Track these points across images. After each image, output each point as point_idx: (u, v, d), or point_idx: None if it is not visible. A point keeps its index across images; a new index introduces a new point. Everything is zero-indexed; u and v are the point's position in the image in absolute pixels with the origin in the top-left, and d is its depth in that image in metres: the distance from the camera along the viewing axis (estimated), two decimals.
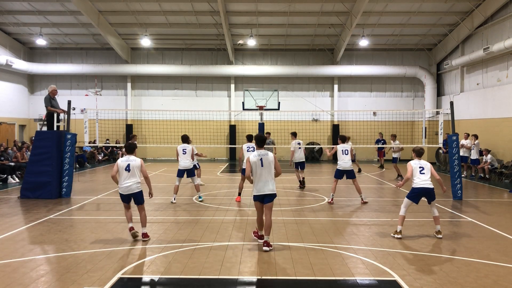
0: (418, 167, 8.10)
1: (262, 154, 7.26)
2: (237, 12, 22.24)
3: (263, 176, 7.19)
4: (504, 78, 19.34)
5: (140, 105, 27.09)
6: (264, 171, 7.19)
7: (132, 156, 7.94)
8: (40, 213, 10.18)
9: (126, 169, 7.73)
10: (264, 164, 7.18)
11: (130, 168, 7.74)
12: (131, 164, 7.76)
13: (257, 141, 7.39)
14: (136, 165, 7.82)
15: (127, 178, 7.73)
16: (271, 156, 7.28)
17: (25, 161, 16.39)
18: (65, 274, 6.00)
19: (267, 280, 5.86)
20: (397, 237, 8.01)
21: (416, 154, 8.33)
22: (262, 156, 7.22)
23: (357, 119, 24.78)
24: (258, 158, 7.20)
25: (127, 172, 7.73)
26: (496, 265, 6.49)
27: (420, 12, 21.54)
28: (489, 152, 17.54)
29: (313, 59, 27.00)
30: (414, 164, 8.14)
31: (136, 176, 7.81)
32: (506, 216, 10.26)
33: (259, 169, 7.19)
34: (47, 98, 12.99)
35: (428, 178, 8.04)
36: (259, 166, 7.18)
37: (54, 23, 23.52)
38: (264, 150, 7.34)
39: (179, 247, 7.33)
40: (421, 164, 8.14)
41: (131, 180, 7.74)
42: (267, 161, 7.22)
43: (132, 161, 7.81)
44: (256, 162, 7.20)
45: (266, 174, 7.19)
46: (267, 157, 7.24)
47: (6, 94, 24.76)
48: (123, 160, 7.81)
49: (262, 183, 7.18)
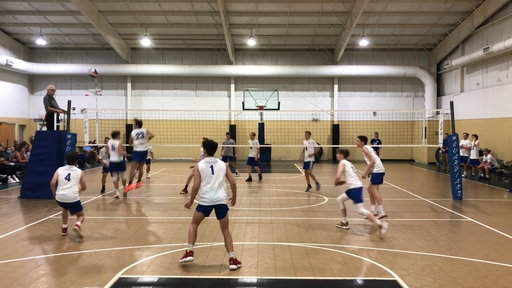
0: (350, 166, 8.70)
1: (212, 161, 6.56)
2: (237, 12, 22.24)
3: (214, 185, 6.46)
4: (504, 78, 19.34)
5: (140, 105, 27.09)
6: (214, 179, 6.47)
7: (74, 167, 8.23)
8: (40, 213, 10.17)
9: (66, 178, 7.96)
10: (214, 172, 6.50)
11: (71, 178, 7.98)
12: (71, 174, 8.01)
13: (207, 148, 6.67)
14: (77, 176, 8.06)
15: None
16: (222, 164, 6.63)
17: (25, 161, 16.38)
18: (65, 274, 6.00)
19: (267, 280, 5.86)
20: (345, 228, 8.65)
21: (345, 155, 8.93)
22: (213, 163, 6.53)
23: (357, 119, 24.78)
24: (208, 166, 6.51)
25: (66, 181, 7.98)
26: (496, 265, 6.48)
27: (420, 12, 21.54)
28: (489, 152, 17.54)
29: (313, 59, 27.00)
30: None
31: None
32: (506, 216, 10.25)
33: (209, 177, 6.46)
34: (46, 98, 12.99)
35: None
36: (210, 174, 6.47)
37: (54, 23, 23.52)
38: (214, 157, 6.65)
39: (179, 247, 7.33)
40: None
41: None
42: (218, 168, 6.54)
43: (73, 171, 8.08)
44: (206, 169, 6.48)
45: (216, 183, 6.47)
46: (218, 164, 6.57)
47: (6, 94, 24.76)
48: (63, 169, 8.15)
49: (213, 192, 6.44)
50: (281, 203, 11.70)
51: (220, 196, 6.47)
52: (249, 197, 12.71)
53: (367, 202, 9.52)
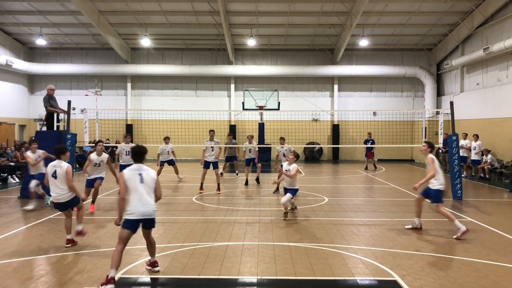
0: None
1: (139, 169, 5.82)
2: (237, 12, 22.24)
3: (143, 194, 5.71)
4: (504, 78, 19.34)
5: (140, 105, 27.09)
6: (143, 189, 5.73)
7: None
8: (40, 213, 10.17)
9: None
10: (144, 180, 5.76)
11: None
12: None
13: (133, 154, 5.94)
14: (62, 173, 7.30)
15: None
16: (153, 172, 5.91)
17: (25, 161, 16.38)
18: (65, 274, 6.00)
19: (267, 280, 5.86)
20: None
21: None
22: (141, 171, 5.79)
23: (357, 119, 24.79)
24: (136, 173, 5.77)
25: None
26: (496, 265, 6.49)
27: (420, 12, 21.54)
28: (489, 152, 17.54)
29: (313, 59, 27.00)
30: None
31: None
32: (506, 216, 10.26)
33: (136, 187, 5.71)
34: (45, 98, 13.01)
35: None
36: (138, 183, 5.72)
37: (54, 23, 23.52)
38: (143, 165, 5.91)
39: (179, 247, 7.33)
40: None
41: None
42: (148, 176, 5.82)
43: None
44: (132, 178, 5.73)
45: (145, 193, 5.73)
46: (148, 173, 5.84)
47: (6, 94, 24.76)
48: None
49: (141, 203, 5.68)
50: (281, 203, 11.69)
51: (149, 210, 5.73)
52: (249, 197, 12.71)
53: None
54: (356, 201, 12.23)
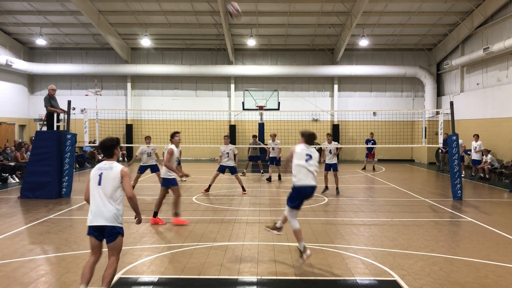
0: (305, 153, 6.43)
1: (104, 167, 5.00)
2: None
3: (97, 199, 4.91)
4: (504, 78, 19.33)
5: (140, 105, 27.08)
6: (100, 190, 4.93)
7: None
8: (40, 213, 10.17)
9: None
10: (101, 182, 4.93)
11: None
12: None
13: (101, 148, 5.20)
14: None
15: None
16: (117, 170, 4.95)
17: (25, 161, 16.38)
18: (65, 274, 6.00)
19: (267, 280, 5.86)
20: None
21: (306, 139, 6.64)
22: (103, 170, 4.97)
23: (357, 119, 24.78)
24: (97, 173, 4.98)
25: None
26: (496, 265, 6.48)
27: (420, 12, 21.54)
28: (489, 152, 17.54)
29: (313, 59, 27.00)
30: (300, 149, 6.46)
31: None
32: (506, 216, 10.26)
33: (94, 188, 4.96)
34: (46, 98, 13.01)
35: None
36: (95, 185, 4.96)
37: (54, 23, 23.52)
38: (110, 161, 5.06)
39: (179, 247, 7.33)
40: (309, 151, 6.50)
41: None
42: (107, 176, 4.94)
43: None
44: (93, 177, 4.99)
45: (102, 196, 4.90)
46: (110, 172, 4.94)
47: (6, 94, 24.76)
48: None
49: (95, 208, 4.92)
50: (281, 203, 11.69)
51: (107, 214, 4.86)
52: (249, 197, 12.71)
53: None
54: (356, 201, 12.23)
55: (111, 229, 4.89)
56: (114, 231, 4.90)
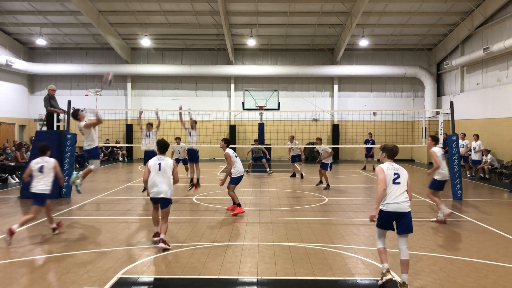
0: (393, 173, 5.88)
1: (160, 159, 7.34)
2: (237, 12, 22.24)
3: (158, 180, 7.18)
4: (504, 78, 19.34)
5: (140, 105, 27.04)
6: (159, 175, 7.20)
7: (163, 156, 7.39)
8: (40, 213, 10.15)
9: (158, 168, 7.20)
10: (161, 169, 7.27)
11: (161, 168, 7.20)
12: (161, 164, 7.21)
13: (159, 146, 7.45)
14: (169, 165, 7.27)
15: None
16: (170, 162, 7.32)
17: (25, 161, 16.37)
18: (65, 274, 6.00)
19: (267, 280, 5.86)
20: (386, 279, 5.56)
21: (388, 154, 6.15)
22: (160, 161, 7.30)
23: (357, 119, 24.78)
24: (157, 163, 7.28)
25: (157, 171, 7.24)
26: (496, 265, 6.48)
27: (420, 12, 21.54)
28: (489, 152, 17.53)
29: (313, 59, 27.00)
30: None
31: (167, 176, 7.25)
32: (506, 216, 10.26)
33: (156, 173, 7.20)
34: (46, 98, 13.00)
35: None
36: (157, 170, 7.20)
37: (54, 23, 23.52)
38: (163, 156, 7.42)
39: (179, 247, 7.33)
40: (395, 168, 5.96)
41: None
42: (165, 165, 7.27)
43: (163, 160, 7.28)
44: (153, 165, 7.26)
45: (161, 178, 7.18)
46: (166, 162, 7.30)
47: (6, 94, 24.77)
48: (154, 160, 7.29)
49: (156, 187, 7.21)
50: (281, 203, 11.70)
51: (164, 191, 7.13)
52: (249, 197, 12.70)
53: None
54: (356, 201, 12.22)
55: (166, 200, 7.18)
56: (167, 201, 7.20)
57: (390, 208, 5.58)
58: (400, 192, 5.68)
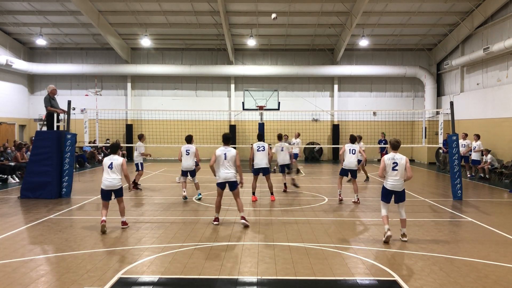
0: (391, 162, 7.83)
1: (225, 150, 9.00)
2: (237, 12, 22.24)
3: (225, 167, 8.89)
4: (504, 78, 19.34)
5: (140, 105, 27.09)
6: (226, 162, 8.92)
7: (115, 156, 8.74)
8: (40, 213, 10.17)
9: (109, 167, 8.58)
10: (227, 157, 8.92)
11: (113, 166, 8.58)
12: (113, 163, 8.59)
13: (223, 139, 9.08)
14: (118, 164, 8.62)
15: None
16: (234, 151, 8.95)
17: (25, 161, 16.38)
18: (65, 274, 6.00)
19: (267, 280, 5.86)
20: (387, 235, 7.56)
21: (392, 146, 8.13)
22: (226, 151, 8.90)
23: (357, 119, 24.77)
24: (223, 152, 8.89)
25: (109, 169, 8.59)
26: (496, 265, 6.48)
27: (420, 12, 21.54)
28: (489, 152, 17.53)
29: (313, 59, 27.00)
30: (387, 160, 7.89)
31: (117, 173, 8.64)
32: (506, 216, 10.25)
33: (222, 161, 8.87)
34: (46, 98, 13.00)
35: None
36: (223, 159, 8.87)
37: (54, 23, 23.53)
38: (228, 147, 9.04)
39: (179, 247, 7.33)
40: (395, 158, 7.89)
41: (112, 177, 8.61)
42: (230, 155, 8.91)
43: (115, 160, 8.64)
44: (221, 155, 8.91)
45: (228, 165, 8.89)
46: (230, 152, 8.93)
47: (6, 94, 24.77)
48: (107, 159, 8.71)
49: (224, 173, 8.87)
50: (281, 203, 11.70)
51: (231, 175, 8.83)
52: (249, 197, 12.69)
53: None
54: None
55: (234, 183, 8.90)
56: (235, 183, 8.91)
57: (388, 186, 7.78)
58: (397, 176, 7.75)
